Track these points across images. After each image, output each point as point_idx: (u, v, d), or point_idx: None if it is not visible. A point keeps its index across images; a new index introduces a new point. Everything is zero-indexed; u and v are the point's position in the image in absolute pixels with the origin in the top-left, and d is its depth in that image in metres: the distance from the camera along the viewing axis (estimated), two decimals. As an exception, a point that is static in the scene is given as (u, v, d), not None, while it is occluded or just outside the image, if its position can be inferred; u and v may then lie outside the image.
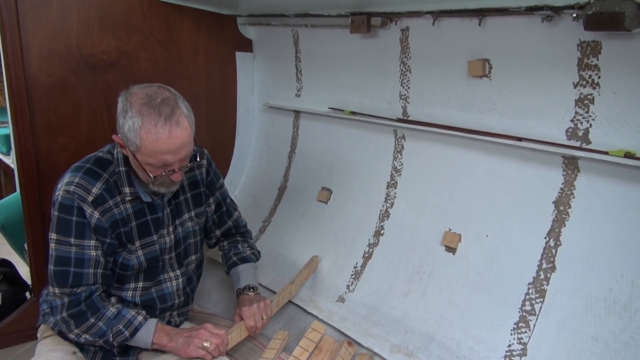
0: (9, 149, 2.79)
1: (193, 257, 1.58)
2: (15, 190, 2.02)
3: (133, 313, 1.37)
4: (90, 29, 1.81)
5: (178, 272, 1.52)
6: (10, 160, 2.64)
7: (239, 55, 2.30)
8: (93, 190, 1.31)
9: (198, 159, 1.49)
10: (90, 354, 1.43)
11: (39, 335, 1.50)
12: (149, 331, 1.37)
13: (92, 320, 1.32)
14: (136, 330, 1.35)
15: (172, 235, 1.47)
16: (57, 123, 1.79)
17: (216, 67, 2.23)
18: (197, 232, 1.57)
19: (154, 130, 1.22)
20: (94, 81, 1.83)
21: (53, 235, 1.31)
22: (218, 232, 1.70)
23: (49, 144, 1.79)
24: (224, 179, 2.35)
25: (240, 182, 2.42)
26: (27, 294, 2.07)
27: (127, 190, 1.36)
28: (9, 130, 1.81)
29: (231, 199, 1.74)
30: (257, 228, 2.22)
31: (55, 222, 1.30)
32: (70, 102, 1.80)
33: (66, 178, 1.32)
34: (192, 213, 1.54)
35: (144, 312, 1.40)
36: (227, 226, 1.71)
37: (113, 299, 1.39)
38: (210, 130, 2.28)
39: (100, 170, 1.34)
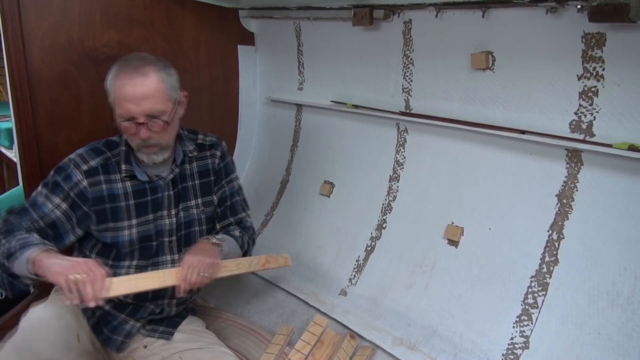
0: (12, 142, 2.78)
1: None
2: (18, 184, 2.02)
3: (36, 237, 1.27)
4: (92, 22, 1.80)
5: (177, 256, 1.50)
6: (13, 154, 2.64)
7: (241, 49, 2.29)
8: (90, 163, 1.40)
9: (197, 139, 1.58)
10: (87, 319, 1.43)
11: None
12: (36, 248, 1.23)
13: (1, 240, 1.28)
14: (25, 245, 1.23)
15: (174, 219, 1.49)
16: (60, 116, 1.79)
17: (218, 61, 2.22)
18: (203, 221, 1.56)
19: (122, 77, 1.32)
20: (96, 74, 1.82)
21: (39, 187, 1.40)
22: (218, 226, 1.62)
23: (52, 137, 1.79)
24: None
25: (242, 175, 2.42)
26: (30, 287, 2.07)
27: (123, 167, 1.43)
28: (11, 123, 1.81)
29: (244, 201, 1.66)
30: (260, 222, 2.22)
31: (47, 178, 1.41)
32: (72, 95, 1.80)
33: (77, 151, 1.44)
34: (199, 200, 1.54)
35: (51, 244, 1.29)
36: (227, 221, 1.61)
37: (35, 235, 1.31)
38: (212, 124, 2.28)
39: (105, 149, 1.44)
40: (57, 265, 1.18)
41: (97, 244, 1.45)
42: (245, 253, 1.59)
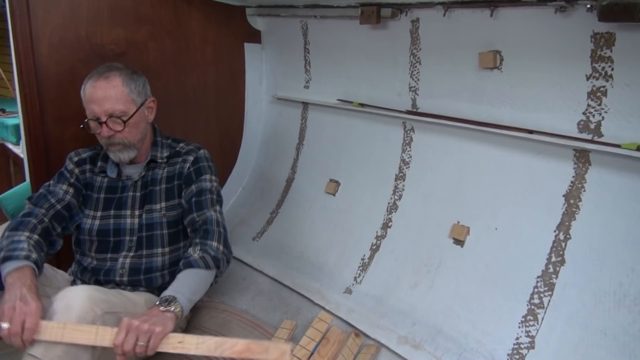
0: (19, 138, 2.80)
1: (159, 250, 1.58)
2: (24, 180, 2.04)
3: (25, 247, 1.34)
4: (100, 19, 1.81)
5: (132, 254, 1.57)
6: (20, 150, 2.65)
7: (248, 47, 2.29)
8: (82, 155, 1.64)
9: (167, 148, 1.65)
10: None
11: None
12: (13, 267, 1.28)
13: (6, 233, 1.41)
14: (6, 258, 1.30)
15: (136, 219, 1.59)
16: (67, 113, 1.80)
17: (224, 59, 2.23)
18: (165, 225, 1.59)
19: (88, 82, 1.51)
20: (104, 71, 1.83)
21: (50, 181, 1.62)
22: (185, 223, 1.60)
23: (59, 134, 1.80)
24: (231, 170, 2.37)
25: (247, 173, 2.43)
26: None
27: (99, 163, 1.63)
28: (18, 120, 1.83)
29: (215, 201, 1.60)
30: (265, 220, 2.22)
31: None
32: (79, 92, 1.79)
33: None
34: (164, 204, 1.60)
35: (35, 256, 1.34)
36: (191, 217, 1.56)
37: (35, 236, 1.42)
38: (218, 122, 2.28)
39: (99, 146, 1.61)
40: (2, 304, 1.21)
41: (75, 234, 1.62)
42: (218, 265, 1.47)
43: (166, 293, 1.33)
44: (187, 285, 1.37)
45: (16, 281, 1.25)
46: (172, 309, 1.27)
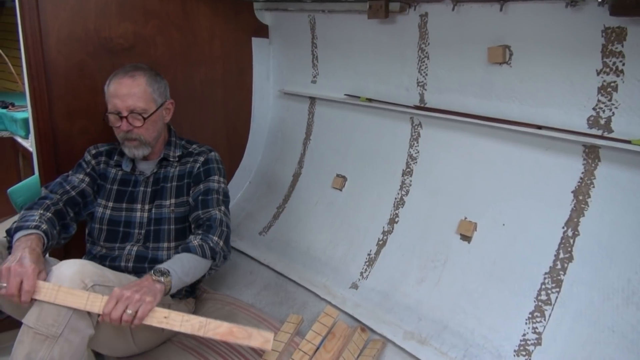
0: (28, 132, 2.82)
1: (164, 244, 1.65)
2: (33, 173, 2.05)
3: (36, 219, 1.41)
4: (108, 13, 1.82)
5: (139, 244, 1.63)
6: (29, 144, 2.67)
7: (255, 41, 2.29)
8: (99, 148, 1.73)
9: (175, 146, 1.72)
10: None
11: None
12: (21, 235, 1.34)
13: (22, 212, 1.49)
14: (17, 229, 1.37)
15: (146, 213, 1.66)
16: (76, 106, 1.81)
17: (232, 53, 2.22)
18: (173, 221, 1.66)
19: (113, 79, 1.59)
20: (112, 65, 1.83)
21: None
22: (190, 219, 1.65)
23: (67, 127, 1.81)
24: (238, 165, 2.38)
25: (254, 168, 2.43)
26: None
27: (116, 157, 1.71)
28: (27, 114, 1.84)
29: (220, 201, 1.64)
30: (271, 214, 2.23)
31: None
32: (88, 86, 1.82)
33: None
34: (173, 201, 1.67)
35: (45, 227, 1.40)
36: (196, 214, 1.61)
37: (48, 214, 1.47)
38: (225, 116, 2.29)
39: (116, 142, 1.68)
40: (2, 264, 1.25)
41: (88, 223, 1.69)
42: (214, 257, 1.51)
43: (160, 267, 1.36)
44: (181, 266, 1.41)
45: (20, 244, 1.31)
46: (163, 280, 1.31)
